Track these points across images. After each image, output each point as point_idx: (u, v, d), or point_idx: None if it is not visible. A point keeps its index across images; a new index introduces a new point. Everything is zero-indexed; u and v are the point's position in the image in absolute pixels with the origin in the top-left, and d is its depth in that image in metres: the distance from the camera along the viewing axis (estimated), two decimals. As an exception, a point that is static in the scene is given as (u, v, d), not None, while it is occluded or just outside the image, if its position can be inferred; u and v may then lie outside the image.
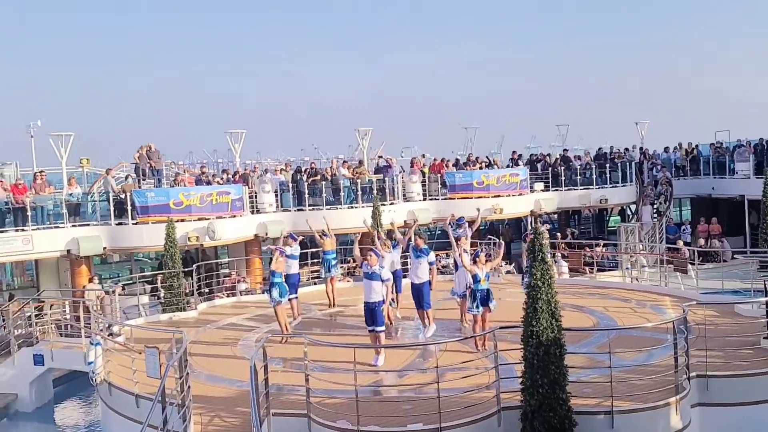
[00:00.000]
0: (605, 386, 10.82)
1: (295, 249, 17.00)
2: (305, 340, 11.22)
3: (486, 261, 14.29)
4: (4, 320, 19.32)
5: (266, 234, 24.28)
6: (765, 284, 15.14)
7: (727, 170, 31.17)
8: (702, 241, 27.64)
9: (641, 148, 33.63)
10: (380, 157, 29.79)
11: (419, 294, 15.19)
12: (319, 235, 18.39)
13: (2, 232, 21.26)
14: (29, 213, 21.53)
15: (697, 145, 34.09)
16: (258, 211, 25.03)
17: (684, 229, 29.13)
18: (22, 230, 21.41)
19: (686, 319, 11.94)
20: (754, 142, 31.33)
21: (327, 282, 18.65)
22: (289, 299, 16.29)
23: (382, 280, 13.52)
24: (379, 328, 13.56)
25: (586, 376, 11.77)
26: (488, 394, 10.80)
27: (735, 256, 25.39)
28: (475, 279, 13.86)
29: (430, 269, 15.48)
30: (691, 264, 21.21)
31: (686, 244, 25.47)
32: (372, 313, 13.56)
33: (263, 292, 21.38)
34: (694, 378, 11.70)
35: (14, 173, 28.37)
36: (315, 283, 22.74)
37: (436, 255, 27.14)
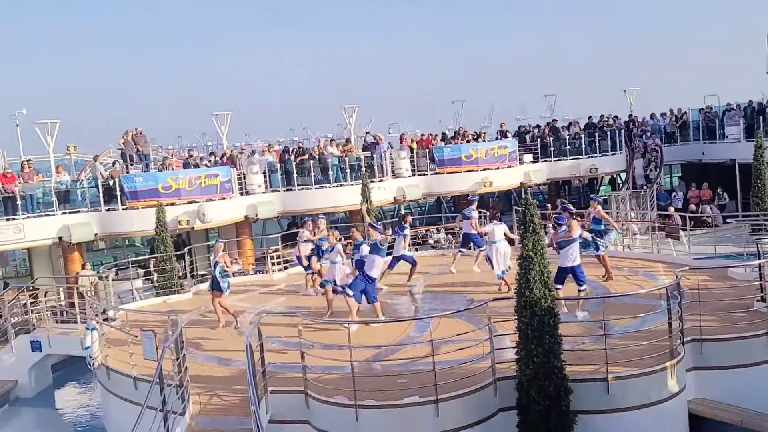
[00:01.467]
0: (600, 354, 10.89)
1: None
2: (300, 319, 11.24)
3: None
4: (0, 309, 19.29)
5: (256, 215, 24.23)
6: (758, 247, 15.21)
7: (717, 135, 31.21)
8: (693, 207, 27.74)
9: (630, 116, 33.60)
10: (367, 133, 29.65)
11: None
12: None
13: (-6, 221, 21.17)
14: (19, 202, 21.45)
15: (685, 111, 34.10)
16: (247, 193, 24.94)
17: (675, 196, 29.22)
18: (13, 219, 21.33)
19: (679, 284, 12.01)
20: (743, 105, 31.34)
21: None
22: None
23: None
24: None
25: (581, 345, 11.84)
26: (483, 365, 10.86)
27: (727, 220, 25.49)
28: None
29: None
30: (683, 230, 21.28)
31: (677, 210, 25.55)
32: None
33: (255, 273, 21.46)
34: (689, 342, 11.80)
35: (2, 162, 28.13)
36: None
37: (426, 230, 27.38)
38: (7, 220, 21.33)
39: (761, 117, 29.09)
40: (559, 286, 13.38)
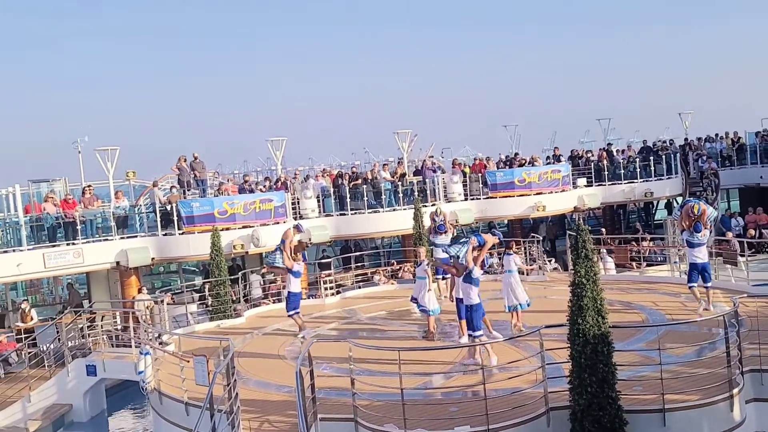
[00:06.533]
0: (656, 383, 10.62)
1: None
2: (350, 343, 11.24)
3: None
4: (58, 332, 19.79)
5: (310, 240, 24.42)
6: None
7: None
8: (752, 232, 26.97)
9: (686, 139, 32.98)
10: (431, 158, 29.70)
11: None
12: None
13: (54, 246, 21.79)
14: (79, 227, 22.07)
15: (740, 136, 33.39)
16: (301, 217, 25.16)
17: (733, 221, 28.49)
18: (73, 244, 21.93)
19: (737, 312, 11.66)
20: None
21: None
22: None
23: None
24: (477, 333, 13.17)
25: (637, 374, 11.57)
26: (536, 394, 10.70)
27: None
28: None
29: None
30: (741, 256, 20.68)
31: (737, 235, 24.86)
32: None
33: (308, 297, 21.51)
34: (748, 372, 11.43)
35: (63, 188, 28.99)
36: (360, 287, 22.93)
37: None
38: (67, 244, 21.94)
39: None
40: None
